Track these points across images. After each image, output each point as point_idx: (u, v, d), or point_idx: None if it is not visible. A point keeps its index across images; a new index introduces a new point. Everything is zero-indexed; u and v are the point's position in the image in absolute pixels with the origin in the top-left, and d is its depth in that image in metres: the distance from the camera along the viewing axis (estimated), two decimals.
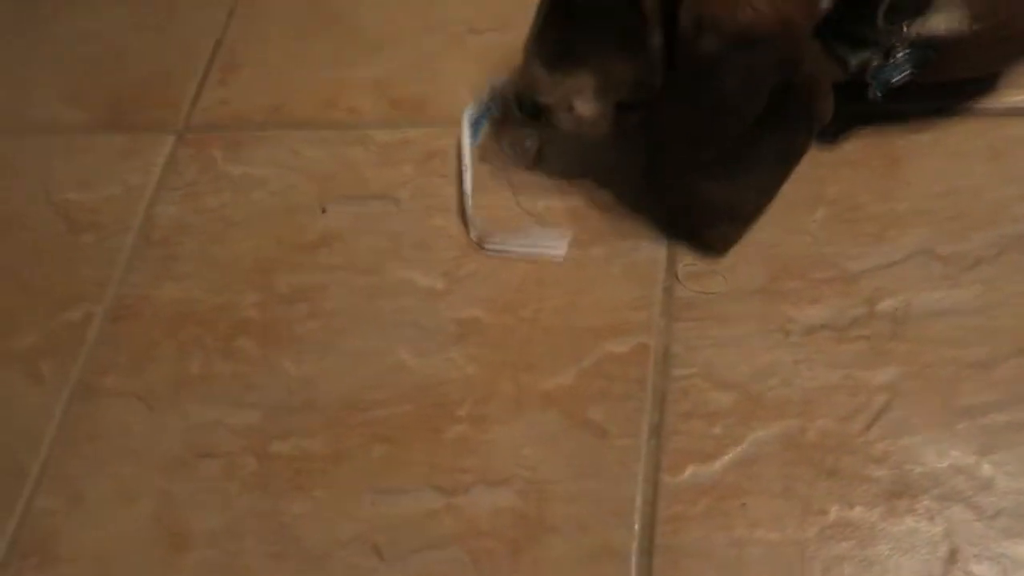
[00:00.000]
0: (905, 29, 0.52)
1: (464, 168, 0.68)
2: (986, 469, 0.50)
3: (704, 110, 0.52)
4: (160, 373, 0.66)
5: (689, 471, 0.54)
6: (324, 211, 0.71)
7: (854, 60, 0.55)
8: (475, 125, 0.70)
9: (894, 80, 0.55)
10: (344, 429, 0.60)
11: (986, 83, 0.61)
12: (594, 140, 0.63)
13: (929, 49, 0.54)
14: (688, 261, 0.61)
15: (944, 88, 0.61)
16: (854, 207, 0.60)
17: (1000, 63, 0.60)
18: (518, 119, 0.69)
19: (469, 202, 0.66)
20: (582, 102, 0.61)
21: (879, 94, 0.56)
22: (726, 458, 0.54)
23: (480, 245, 0.65)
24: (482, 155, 0.69)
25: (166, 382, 0.65)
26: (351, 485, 0.58)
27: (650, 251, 0.62)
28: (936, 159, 0.60)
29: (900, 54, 0.54)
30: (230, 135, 0.79)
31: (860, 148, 0.62)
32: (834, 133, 0.61)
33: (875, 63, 0.54)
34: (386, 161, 0.72)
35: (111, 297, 0.71)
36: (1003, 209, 0.57)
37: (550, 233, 0.62)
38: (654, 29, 0.52)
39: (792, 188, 0.61)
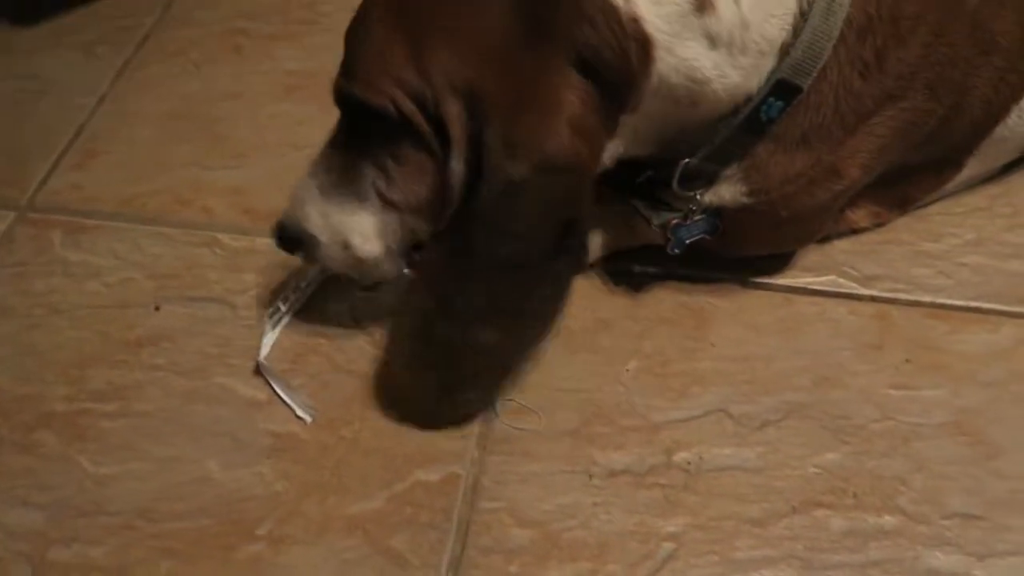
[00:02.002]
0: (698, 196, 0.59)
1: (297, 288, 0.68)
2: None
3: (500, 235, 0.52)
4: None
5: None
6: (158, 308, 0.70)
7: (656, 220, 0.61)
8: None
9: (687, 239, 0.62)
10: (133, 539, 0.57)
11: (783, 262, 0.69)
12: (378, 279, 0.60)
13: (716, 217, 0.61)
14: (508, 397, 0.63)
15: (747, 262, 0.69)
16: (664, 362, 0.65)
17: (788, 242, 0.68)
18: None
19: (283, 321, 0.67)
20: (361, 239, 0.57)
21: (676, 251, 0.62)
22: None
23: (256, 364, 0.65)
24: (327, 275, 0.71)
25: None
26: None
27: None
28: (737, 327, 0.66)
29: (697, 218, 0.60)
30: (74, 220, 0.77)
31: (674, 308, 0.68)
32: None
33: (674, 222, 0.61)
34: (231, 266, 0.73)
35: None
36: (788, 378, 0.64)
37: (304, 401, 0.63)
38: (457, 149, 0.51)
39: (611, 340, 0.66)
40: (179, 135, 0.84)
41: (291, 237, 0.59)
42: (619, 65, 0.51)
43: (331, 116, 0.83)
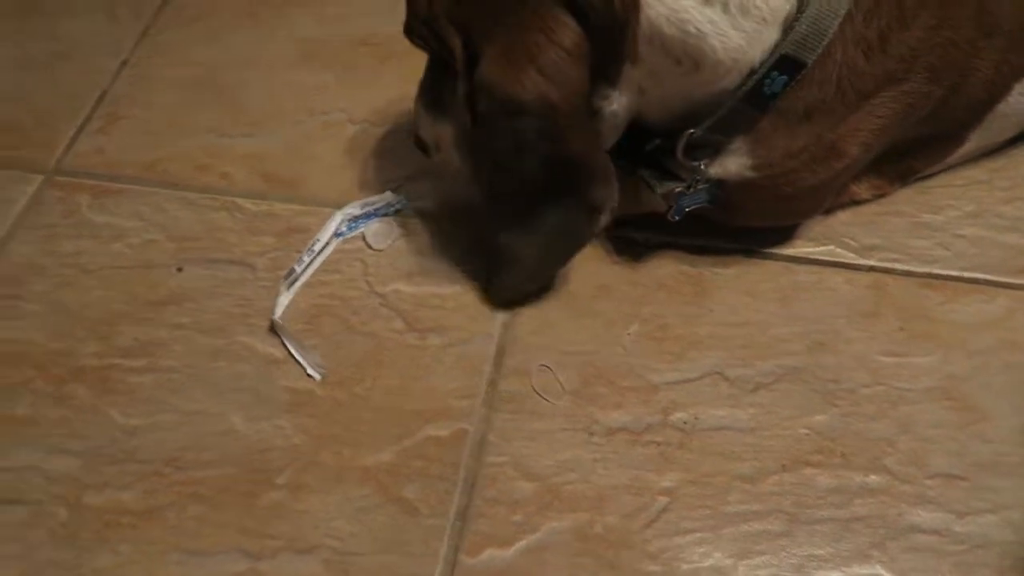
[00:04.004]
0: (702, 166, 0.61)
1: (311, 251, 0.71)
2: (740, 571, 0.56)
3: (486, 163, 0.58)
4: None
5: (486, 554, 0.58)
6: (180, 270, 0.73)
7: (660, 188, 0.63)
8: (352, 222, 0.74)
9: (688, 207, 0.64)
10: (161, 486, 0.61)
11: (784, 232, 0.71)
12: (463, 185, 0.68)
13: (717, 187, 0.63)
14: (518, 359, 0.66)
15: (749, 232, 0.71)
16: (663, 327, 0.68)
17: (790, 216, 0.70)
18: (381, 209, 0.75)
19: (297, 282, 0.70)
20: (446, 148, 0.66)
21: (676, 217, 0.64)
22: (521, 544, 0.58)
23: (271, 323, 0.68)
24: (344, 241, 0.74)
25: None
26: (159, 543, 0.59)
27: (482, 345, 0.67)
28: (735, 293, 0.69)
29: (700, 187, 0.62)
30: (100, 184, 0.80)
31: (674, 275, 0.70)
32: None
33: (677, 191, 0.63)
34: (249, 229, 0.76)
35: None
36: (783, 344, 0.66)
37: (315, 359, 0.66)
38: (462, 79, 0.57)
39: (612, 305, 0.69)
40: (197, 101, 0.86)
41: (418, 141, 0.69)
42: (604, 7, 0.52)
43: (346, 84, 0.86)
